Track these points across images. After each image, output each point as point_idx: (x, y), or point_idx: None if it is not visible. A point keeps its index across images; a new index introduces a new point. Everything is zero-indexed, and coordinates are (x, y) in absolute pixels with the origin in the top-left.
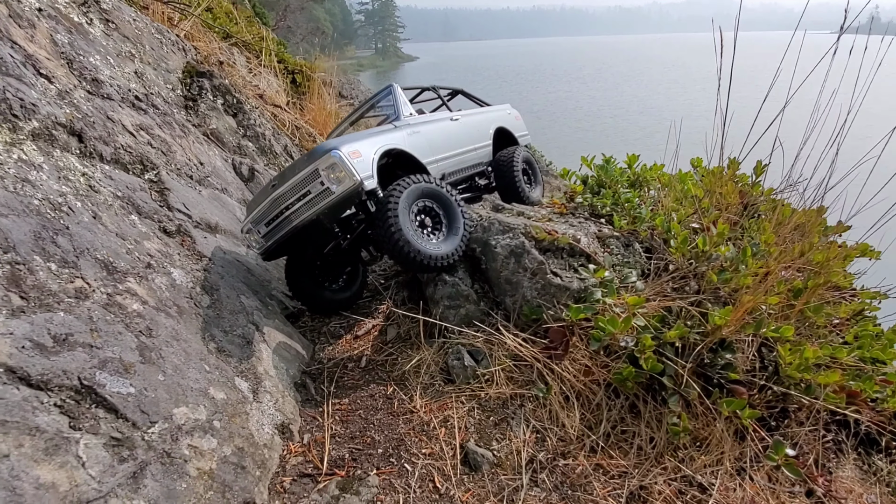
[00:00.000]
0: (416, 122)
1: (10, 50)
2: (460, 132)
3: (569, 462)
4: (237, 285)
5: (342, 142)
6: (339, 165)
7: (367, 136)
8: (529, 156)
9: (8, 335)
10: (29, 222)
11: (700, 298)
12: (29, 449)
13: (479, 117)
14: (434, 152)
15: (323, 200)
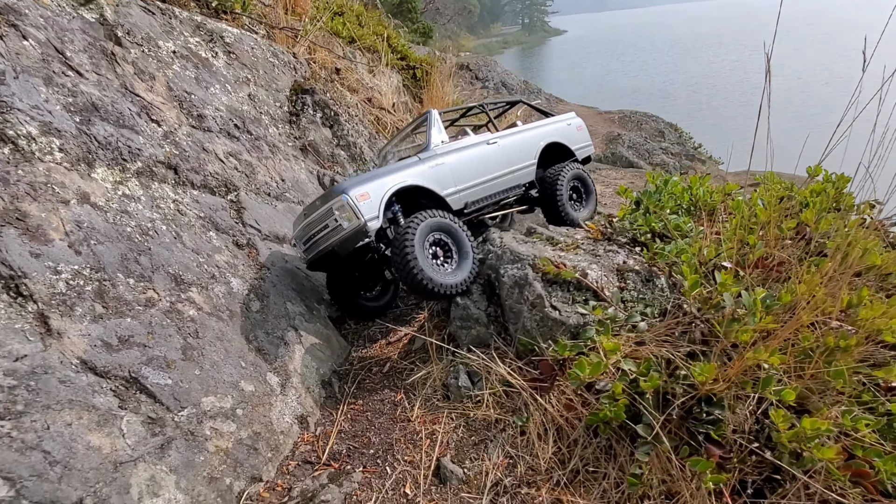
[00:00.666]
0: (445, 150)
1: (129, 104)
2: (495, 157)
3: (531, 492)
4: (286, 292)
5: (355, 183)
6: (347, 207)
7: (384, 174)
8: (581, 173)
9: (87, 336)
10: (119, 247)
11: (696, 349)
12: (86, 421)
13: (525, 135)
14: (457, 183)
15: (336, 235)
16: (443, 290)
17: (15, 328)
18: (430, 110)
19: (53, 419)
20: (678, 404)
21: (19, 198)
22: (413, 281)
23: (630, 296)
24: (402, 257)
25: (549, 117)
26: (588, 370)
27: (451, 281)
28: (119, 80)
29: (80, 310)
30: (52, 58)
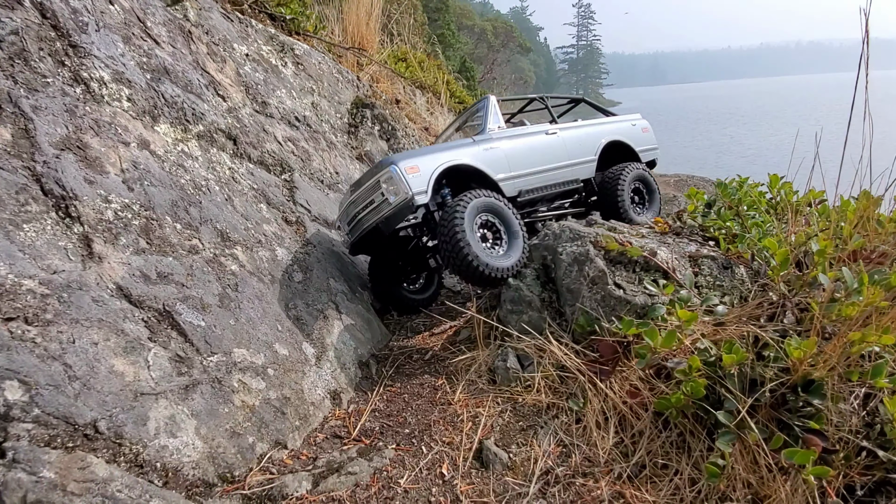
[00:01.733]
0: (500, 136)
1: (198, 76)
2: (553, 147)
3: (587, 483)
4: (331, 270)
5: (405, 156)
6: (395, 179)
7: (436, 150)
8: (645, 174)
9: (126, 265)
10: (171, 193)
11: (789, 328)
12: (112, 344)
13: (587, 130)
14: (511, 168)
15: (382, 211)
16: (493, 274)
17: (58, 245)
18: (487, 96)
19: (80, 335)
20: (768, 389)
21: (83, 130)
22: (462, 262)
23: (705, 281)
24: (452, 237)
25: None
26: (659, 341)
27: (502, 264)
28: (192, 56)
29: (123, 240)
30: (133, 23)
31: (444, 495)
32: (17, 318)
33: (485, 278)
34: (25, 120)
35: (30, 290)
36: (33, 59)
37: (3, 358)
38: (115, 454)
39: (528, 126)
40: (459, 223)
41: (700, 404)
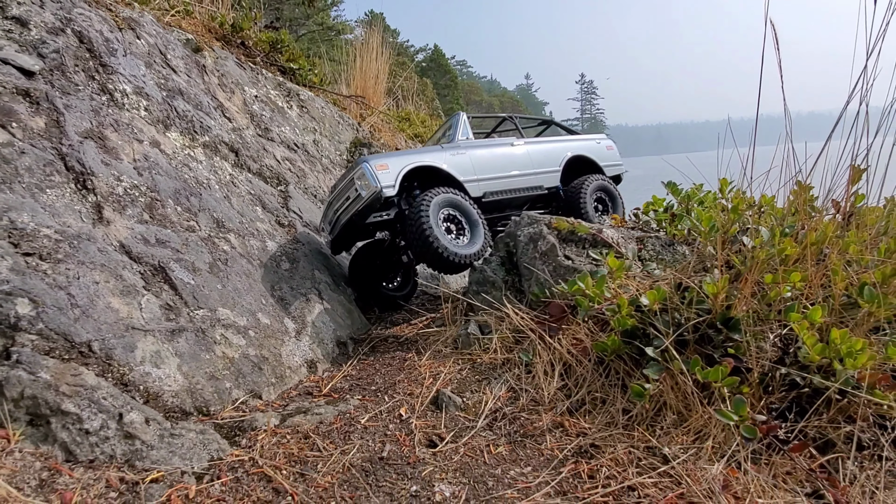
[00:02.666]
0: (467, 145)
1: (208, 99)
2: (517, 157)
3: (531, 417)
4: (316, 264)
5: (377, 157)
6: (366, 175)
7: (405, 153)
8: (608, 185)
9: (130, 229)
10: (175, 183)
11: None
12: (111, 286)
13: (551, 145)
14: (476, 172)
15: (355, 205)
16: (460, 260)
17: (74, 208)
18: (459, 112)
19: (84, 273)
20: (690, 327)
21: (104, 126)
22: (429, 250)
23: (648, 255)
24: (419, 229)
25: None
26: (589, 283)
27: (467, 251)
28: (204, 84)
29: (130, 211)
30: (155, 54)
31: (399, 430)
32: (34, 254)
33: (452, 264)
34: (57, 114)
35: (46, 235)
36: (69, 72)
37: (18, 280)
38: (104, 371)
39: (495, 138)
40: (425, 217)
41: (633, 344)
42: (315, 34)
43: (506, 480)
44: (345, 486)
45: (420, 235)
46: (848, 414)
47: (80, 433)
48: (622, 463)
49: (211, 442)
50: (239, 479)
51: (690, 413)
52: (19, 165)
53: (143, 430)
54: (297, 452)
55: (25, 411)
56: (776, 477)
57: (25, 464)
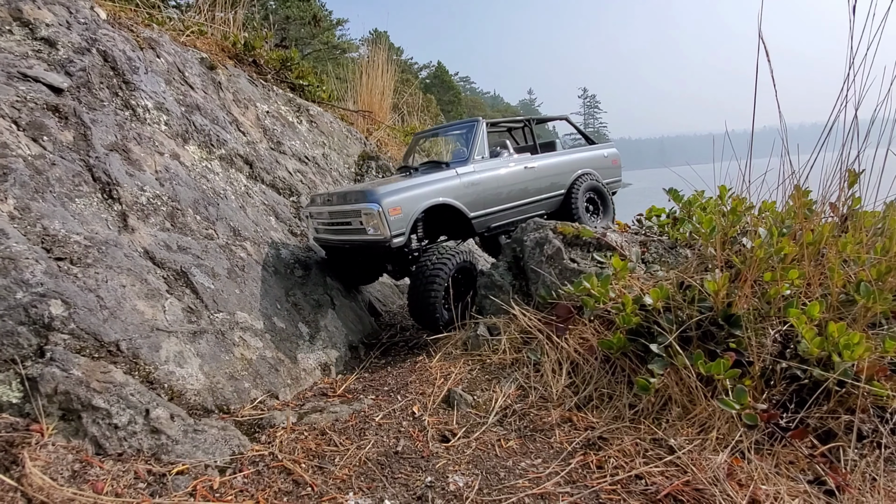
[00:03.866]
0: (482, 169)
1: (224, 114)
2: (528, 183)
3: (540, 413)
4: (328, 271)
5: (389, 193)
6: (377, 217)
7: (419, 186)
8: (599, 185)
9: (153, 237)
10: (194, 193)
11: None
12: (137, 289)
13: (562, 161)
14: (486, 206)
15: (358, 235)
16: (445, 324)
17: (101, 216)
18: (478, 118)
19: (112, 277)
20: (693, 324)
21: (128, 139)
22: (427, 315)
23: (652, 257)
24: (426, 296)
25: (589, 142)
26: (595, 282)
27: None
28: (220, 100)
29: (153, 220)
30: (174, 72)
31: (412, 426)
32: (65, 258)
33: (435, 328)
34: (84, 128)
35: (76, 241)
36: (95, 89)
37: (52, 283)
38: (132, 368)
39: (509, 157)
40: (437, 289)
41: (638, 342)
42: (321, 53)
43: (517, 471)
44: (362, 477)
45: (425, 301)
46: (847, 405)
47: (109, 427)
48: (629, 454)
49: (232, 438)
50: (260, 472)
51: (695, 406)
52: (50, 176)
53: (169, 425)
54: (315, 448)
55: (58, 406)
56: (779, 465)
57: (59, 456)
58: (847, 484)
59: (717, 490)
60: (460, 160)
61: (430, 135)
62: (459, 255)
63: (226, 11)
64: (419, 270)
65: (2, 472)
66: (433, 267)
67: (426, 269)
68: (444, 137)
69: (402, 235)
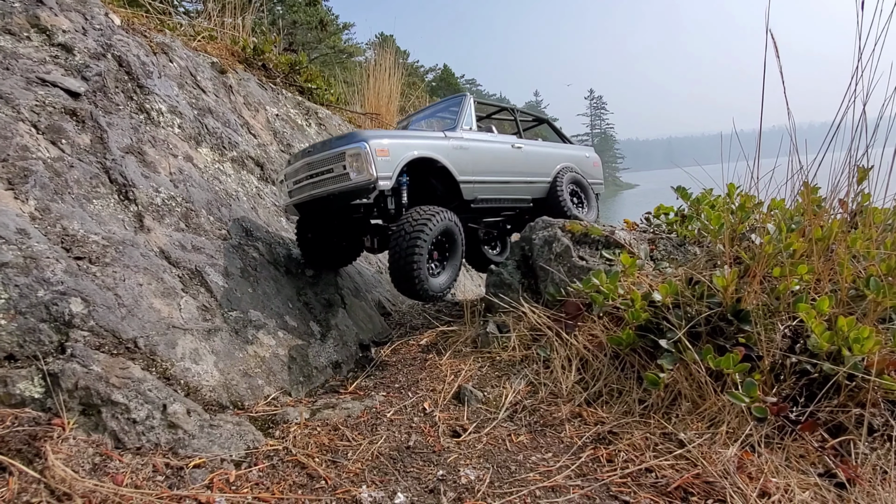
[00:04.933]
0: (470, 137)
1: (235, 117)
2: (516, 160)
3: (550, 409)
4: (339, 270)
5: (378, 135)
6: (363, 157)
7: (408, 137)
8: (580, 178)
9: (168, 237)
10: (207, 195)
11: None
12: (153, 287)
13: (547, 151)
14: (475, 173)
15: (338, 183)
16: (429, 294)
17: (118, 217)
18: (465, 93)
19: (129, 276)
20: (702, 320)
21: (143, 142)
22: (409, 282)
23: (661, 255)
24: (407, 257)
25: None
26: (604, 279)
27: (438, 284)
28: (231, 104)
29: (168, 220)
30: (186, 76)
31: (424, 422)
32: (84, 258)
33: (419, 296)
34: (101, 131)
35: (95, 241)
36: (110, 93)
37: (72, 281)
38: (149, 365)
39: (498, 134)
40: (419, 251)
41: (647, 338)
42: (328, 57)
43: (528, 465)
44: (374, 471)
45: (406, 266)
46: (858, 399)
47: (127, 422)
48: (639, 448)
49: (247, 433)
50: (275, 466)
51: (704, 401)
52: (69, 178)
53: (185, 420)
54: (328, 442)
55: (79, 401)
56: (789, 459)
57: (79, 449)
58: (858, 476)
59: (727, 483)
60: (448, 127)
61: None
62: (442, 213)
63: (234, 17)
64: (398, 233)
65: (25, 465)
66: (414, 228)
67: (406, 231)
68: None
69: (389, 179)
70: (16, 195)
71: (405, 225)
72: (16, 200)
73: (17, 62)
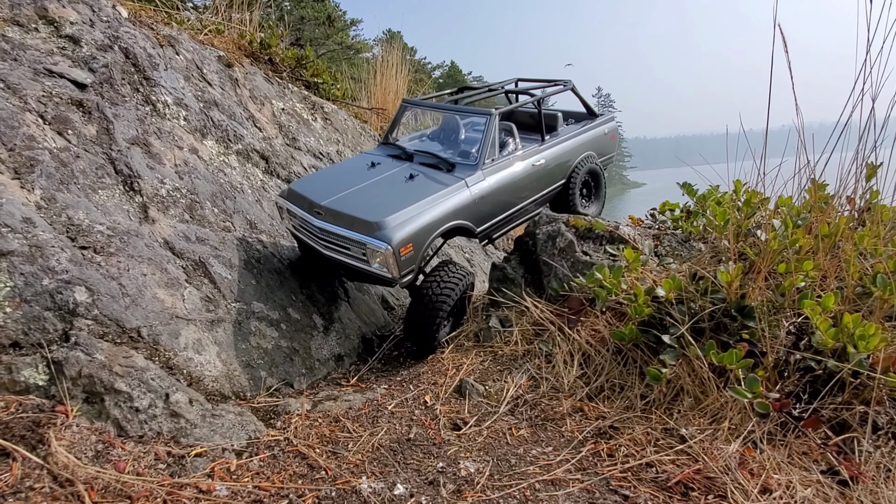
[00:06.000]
0: (492, 173)
1: (241, 111)
2: (534, 182)
3: (551, 403)
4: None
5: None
6: (386, 257)
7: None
8: (596, 168)
9: (173, 228)
10: (212, 187)
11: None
12: (157, 278)
13: (566, 149)
14: (492, 217)
15: (357, 262)
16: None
17: (123, 208)
18: (490, 111)
19: (133, 266)
20: (706, 315)
21: (149, 134)
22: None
23: (665, 250)
24: (430, 319)
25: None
26: (607, 274)
27: (441, 335)
28: (237, 97)
29: (172, 211)
30: (192, 69)
31: (425, 415)
32: (89, 247)
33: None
34: (107, 122)
35: (100, 231)
36: (117, 84)
37: (77, 270)
38: (152, 354)
39: (516, 153)
40: (443, 314)
41: (650, 333)
42: (335, 53)
43: (528, 458)
44: (374, 462)
45: (426, 326)
46: (863, 397)
47: (130, 410)
48: (640, 443)
49: (248, 423)
50: (276, 456)
51: (706, 397)
52: (75, 168)
53: (188, 409)
54: (329, 434)
55: (82, 389)
56: (791, 456)
57: (83, 437)
58: (861, 474)
59: (728, 479)
60: (468, 164)
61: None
62: (467, 279)
63: (242, 12)
64: (423, 294)
65: (29, 451)
66: (440, 292)
67: (432, 294)
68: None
69: (412, 273)
70: (22, 184)
71: (433, 287)
72: (22, 189)
73: (24, 53)
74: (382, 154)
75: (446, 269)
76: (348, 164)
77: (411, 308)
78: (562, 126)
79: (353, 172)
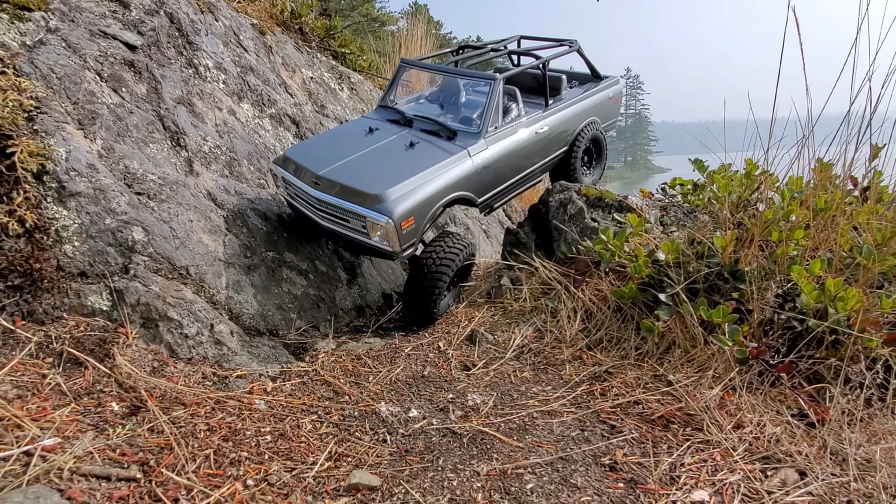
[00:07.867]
0: (495, 142)
1: (274, 77)
2: (536, 149)
3: (553, 351)
4: None
5: (400, 197)
6: (387, 231)
7: (431, 178)
8: (599, 135)
9: (215, 181)
10: (248, 147)
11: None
12: (202, 224)
13: (570, 116)
14: (494, 186)
15: (356, 234)
16: (433, 319)
17: (171, 161)
18: (495, 76)
19: (181, 213)
20: (701, 277)
21: (192, 94)
22: (422, 309)
23: (670, 220)
24: (429, 289)
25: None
26: (610, 234)
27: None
28: (270, 63)
29: (214, 167)
30: (230, 35)
31: (438, 357)
32: (144, 193)
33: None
34: (156, 82)
35: (152, 180)
36: (163, 47)
37: (134, 213)
38: (199, 290)
39: (520, 119)
40: (442, 284)
41: (648, 292)
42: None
43: (529, 394)
44: (392, 392)
45: (425, 296)
46: (839, 355)
47: (181, 336)
48: (631, 385)
49: (281, 355)
50: (305, 383)
51: (695, 349)
52: (129, 123)
53: (229, 339)
54: (352, 368)
55: (140, 315)
56: (766, 401)
57: (141, 355)
58: (828, 418)
59: (706, 416)
60: (471, 132)
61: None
62: (467, 249)
63: None
64: (423, 264)
65: (98, 362)
66: (440, 262)
67: (431, 264)
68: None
69: (413, 246)
70: (85, 135)
71: (432, 256)
72: (85, 139)
73: (80, 15)
74: (381, 118)
75: (446, 239)
76: (345, 129)
77: (410, 279)
78: (566, 89)
79: (351, 138)
